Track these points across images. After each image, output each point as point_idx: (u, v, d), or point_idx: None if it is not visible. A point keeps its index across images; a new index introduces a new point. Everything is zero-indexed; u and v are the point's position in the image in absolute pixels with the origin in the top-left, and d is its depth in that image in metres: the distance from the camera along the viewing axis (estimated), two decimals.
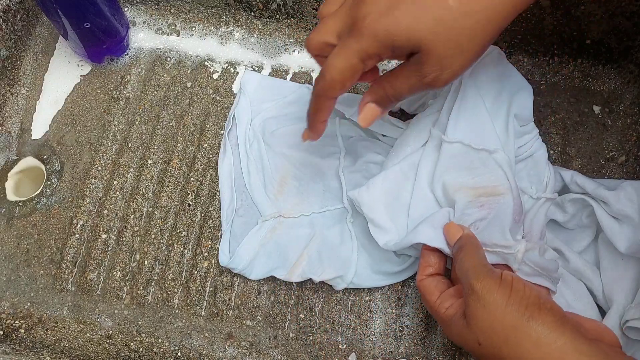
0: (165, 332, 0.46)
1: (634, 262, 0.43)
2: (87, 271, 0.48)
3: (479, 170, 0.40)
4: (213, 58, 0.55)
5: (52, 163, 0.51)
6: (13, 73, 0.53)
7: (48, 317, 0.47)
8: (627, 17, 0.48)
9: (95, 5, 0.47)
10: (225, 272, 0.47)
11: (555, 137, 0.51)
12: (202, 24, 0.56)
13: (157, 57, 0.55)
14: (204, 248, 0.48)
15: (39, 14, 0.55)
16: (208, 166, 0.51)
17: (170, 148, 0.51)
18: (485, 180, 0.40)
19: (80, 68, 0.54)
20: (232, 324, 0.46)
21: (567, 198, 0.44)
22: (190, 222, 0.49)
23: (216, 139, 0.52)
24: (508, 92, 0.43)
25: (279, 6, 0.54)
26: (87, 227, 0.49)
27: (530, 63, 0.53)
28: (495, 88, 0.42)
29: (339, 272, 0.45)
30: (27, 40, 0.54)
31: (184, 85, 0.53)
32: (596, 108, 0.52)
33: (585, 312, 0.42)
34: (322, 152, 0.49)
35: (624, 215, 0.41)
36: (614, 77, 0.52)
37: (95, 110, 0.53)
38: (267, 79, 0.52)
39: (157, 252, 0.48)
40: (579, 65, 0.53)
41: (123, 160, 0.51)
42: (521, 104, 0.43)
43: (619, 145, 0.51)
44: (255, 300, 0.47)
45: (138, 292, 0.47)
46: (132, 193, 0.50)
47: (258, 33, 0.55)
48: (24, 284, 0.48)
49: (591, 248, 0.45)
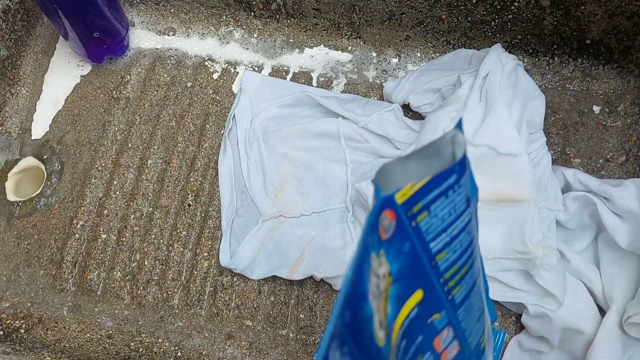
0: (165, 332, 0.46)
1: (634, 262, 0.43)
2: (87, 271, 0.48)
3: (502, 174, 0.41)
4: (213, 58, 0.55)
5: (52, 163, 0.51)
6: (13, 73, 0.53)
7: (48, 317, 0.47)
8: (627, 17, 0.48)
9: (95, 5, 0.47)
10: (225, 272, 0.47)
11: (555, 137, 0.51)
12: (202, 24, 0.56)
13: (157, 57, 0.55)
14: (204, 248, 0.48)
15: (39, 14, 0.55)
16: (208, 166, 0.51)
17: (170, 148, 0.51)
18: (506, 185, 0.41)
19: (80, 68, 0.54)
20: (232, 324, 0.46)
21: (569, 196, 0.45)
22: (190, 222, 0.49)
23: (216, 139, 0.52)
24: (522, 100, 0.43)
25: (279, 6, 0.54)
26: (87, 227, 0.49)
27: (530, 63, 0.53)
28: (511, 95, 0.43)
29: (341, 272, 0.45)
30: (27, 40, 0.54)
31: (184, 85, 0.53)
32: (596, 108, 0.52)
33: (585, 312, 0.42)
34: (323, 152, 0.49)
35: (627, 212, 0.42)
36: (614, 77, 0.52)
37: (95, 110, 0.53)
38: (267, 79, 0.52)
39: (157, 252, 0.48)
40: (579, 65, 0.53)
41: (123, 160, 0.51)
42: (534, 112, 0.44)
43: (619, 145, 0.51)
44: (255, 300, 0.47)
45: (138, 292, 0.47)
46: (132, 193, 0.50)
47: (258, 33, 0.55)
48: (24, 284, 0.48)
49: (591, 248, 0.46)
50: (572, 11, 0.48)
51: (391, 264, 0.22)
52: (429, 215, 0.23)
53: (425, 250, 0.23)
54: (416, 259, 0.23)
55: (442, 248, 0.24)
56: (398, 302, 0.23)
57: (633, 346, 0.41)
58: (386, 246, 0.22)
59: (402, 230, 0.22)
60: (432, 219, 0.23)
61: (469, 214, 0.24)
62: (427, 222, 0.23)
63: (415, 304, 0.24)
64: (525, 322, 0.44)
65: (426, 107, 0.49)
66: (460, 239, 0.24)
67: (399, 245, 0.22)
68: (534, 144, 0.44)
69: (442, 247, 0.24)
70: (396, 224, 0.22)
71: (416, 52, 0.54)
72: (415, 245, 0.23)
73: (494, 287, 0.44)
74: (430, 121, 0.45)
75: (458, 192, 0.23)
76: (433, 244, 0.23)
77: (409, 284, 0.23)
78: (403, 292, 0.23)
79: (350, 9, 0.52)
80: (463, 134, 0.24)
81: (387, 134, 0.47)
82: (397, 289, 0.23)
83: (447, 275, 0.24)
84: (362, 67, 0.54)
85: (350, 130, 0.49)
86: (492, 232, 0.42)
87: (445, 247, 0.24)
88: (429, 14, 0.51)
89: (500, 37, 0.52)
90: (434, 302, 0.24)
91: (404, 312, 0.23)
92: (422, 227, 0.23)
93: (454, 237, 0.24)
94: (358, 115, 0.48)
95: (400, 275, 0.23)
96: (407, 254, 0.23)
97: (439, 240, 0.23)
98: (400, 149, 0.47)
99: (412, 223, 0.22)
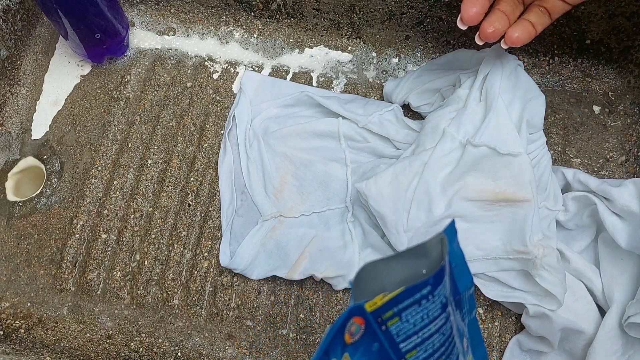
0: (165, 332, 0.46)
1: (634, 262, 0.43)
2: (87, 271, 0.48)
3: (502, 174, 0.41)
4: (213, 58, 0.55)
5: (52, 163, 0.51)
6: (13, 73, 0.53)
7: (48, 317, 0.47)
8: (627, 17, 0.48)
9: (95, 5, 0.47)
10: (225, 272, 0.47)
11: (555, 137, 0.51)
12: (202, 24, 0.56)
13: (157, 57, 0.55)
14: (204, 248, 0.48)
15: (39, 14, 0.55)
16: (208, 166, 0.51)
17: (170, 148, 0.51)
18: (506, 185, 0.41)
19: (80, 68, 0.54)
20: (232, 324, 0.46)
21: (569, 196, 0.45)
22: (190, 222, 0.49)
23: (216, 139, 0.52)
24: (522, 100, 0.43)
25: (279, 6, 0.54)
26: (87, 227, 0.49)
27: (530, 63, 0.53)
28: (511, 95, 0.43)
29: (341, 272, 0.45)
30: (27, 40, 0.54)
31: (184, 85, 0.54)
32: (596, 108, 0.52)
33: (585, 313, 0.42)
34: (323, 153, 0.49)
35: (627, 212, 0.42)
36: (614, 77, 0.52)
37: (95, 110, 0.53)
38: (267, 79, 0.52)
39: (157, 252, 0.48)
40: (579, 65, 0.53)
41: (123, 160, 0.51)
42: (533, 111, 0.44)
43: (619, 145, 0.51)
44: (255, 300, 0.47)
45: (138, 292, 0.47)
46: (132, 193, 0.50)
47: (258, 33, 0.55)
48: (24, 284, 0.48)
49: (591, 248, 0.46)
50: (572, 11, 0.48)
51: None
52: (400, 320, 0.24)
53: (395, 350, 0.24)
54: (385, 357, 0.24)
55: (413, 348, 0.25)
56: None
57: (633, 346, 0.41)
58: (351, 349, 0.23)
59: (371, 333, 0.23)
60: (403, 324, 0.24)
61: (443, 317, 0.25)
62: (397, 326, 0.24)
63: None
64: (525, 322, 0.44)
65: (426, 107, 0.49)
66: (433, 340, 0.25)
67: (368, 345, 0.24)
68: (534, 144, 0.44)
69: (413, 347, 0.24)
70: (365, 328, 0.23)
71: (416, 52, 0.54)
72: (384, 345, 0.24)
73: (494, 287, 0.44)
74: (430, 121, 0.45)
75: (432, 301, 0.24)
76: (403, 344, 0.24)
77: None
78: None
79: (350, 9, 0.52)
80: (453, 235, 0.26)
81: (387, 134, 0.47)
82: None
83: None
84: (362, 67, 0.54)
85: (350, 130, 0.49)
86: (492, 232, 0.43)
87: (416, 347, 0.25)
88: (429, 14, 0.51)
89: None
90: None
91: None
92: (392, 331, 0.24)
93: (425, 339, 0.25)
94: (358, 115, 0.48)
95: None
96: (376, 353, 0.24)
97: (410, 341, 0.24)
98: (400, 149, 0.47)
99: (382, 327, 0.23)
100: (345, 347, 0.23)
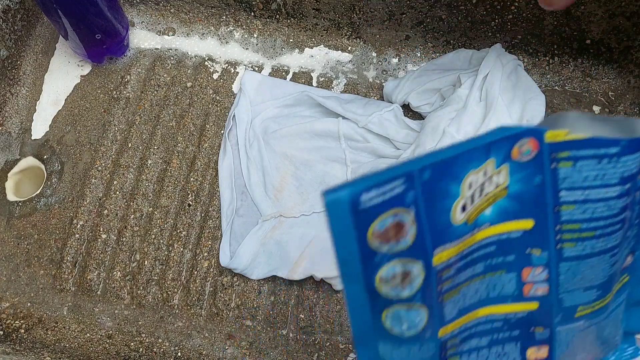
0: (165, 332, 0.46)
1: None
2: (87, 271, 0.48)
3: None
4: (213, 58, 0.55)
5: (52, 163, 0.51)
6: (13, 73, 0.53)
7: (48, 317, 0.47)
8: (627, 17, 0.48)
9: (95, 5, 0.47)
10: (225, 272, 0.47)
11: None
12: (202, 24, 0.56)
13: (157, 57, 0.55)
14: (204, 248, 0.48)
15: (39, 14, 0.55)
16: (208, 166, 0.51)
17: (170, 148, 0.51)
18: None
19: (80, 68, 0.54)
20: (232, 324, 0.46)
21: None
22: (190, 222, 0.49)
23: (216, 139, 0.52)
24: (522, 100, 0.43)
25: (279, 6, 0.54)
26: (87, 227, 0.49)
27: (530, 63, 0.53)
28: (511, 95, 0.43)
29: None
30: (27, 40, 0.54)
31: (184, 85, 0.54)
32: (596, 108, 0.52)
33: None
34: (323, 153, 0.49)
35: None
36: (614, 77, 0.52)
37: (95, 110, 0.53)
38: (267, 79, 0.52)
39: (157, 252, 0.48)
40: (579, 65, 0.53)
41: (123, 160, 0.51)
42: (533, 111, 0.44)
43: None
44: (255, 300, 0.47)
45: (138, 292, 0.47)
46: (132, 193, 0.50)
47: (258, 33, 0.55)
48: (24, 284, 0.48)
49: None
50: (572, 11, 0.48)
51: (512, 182, 0.23)
52: (573, 167, 0.22)
53: (554, 193, 0.23)
54: (541, 195, 0.23)
55: (572, 202, 0.23)
56: (502, 214, 0.23)
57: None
58: (515, 165, 0.22)
59: (539, 164, 0.22)
60: (574, 172, 0.23)
61: (618, 191, 0.23)
62: (567, 171, 0.23)
63: (521, 229, 0.24)
64: None
65: (426, 107, 0.49)
66: (596, 206, 0.24)
67: (530, 174, 0.23)
68: None
69: (572, 201, 0.23)
70: (536, 156, 0.22)
71: (416, 52, 0.54)
72: (546, 183, 0.23)
73: None
74: (430, 121, 0.45)
75: (613, 166, 0.23)
76: (565, 193, 0.23)
77: (523, 209, 0.23)
78: (512, 211, 0.23)
79: (350, 9, 0.52)
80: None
81: (387, 134, 0.47)
82: (507, 204, 0.23)
83: (565, 227, 0.24)
84: (362, 67, 0.54)
85: (350, 130, 0.49)
86: None
87: (575, 202, 0.23)
88: (429, 14, 0.51)
89: (500, 37, 0.52)
90: (540, 238, 0.24)
91: (506, 227, 0.24)
92: (560, 174, 0.23)
93: (589, 200, 0.23)
94: (358, 115, 0.48)
95: (516, 197, 0.23)
96: (534, 186, 0.23)
97: (572, 193, 0.23)
98: (400, 149, 0.47)
99: (552, 164, 0.22)
100: (508, 158, 0.22)
